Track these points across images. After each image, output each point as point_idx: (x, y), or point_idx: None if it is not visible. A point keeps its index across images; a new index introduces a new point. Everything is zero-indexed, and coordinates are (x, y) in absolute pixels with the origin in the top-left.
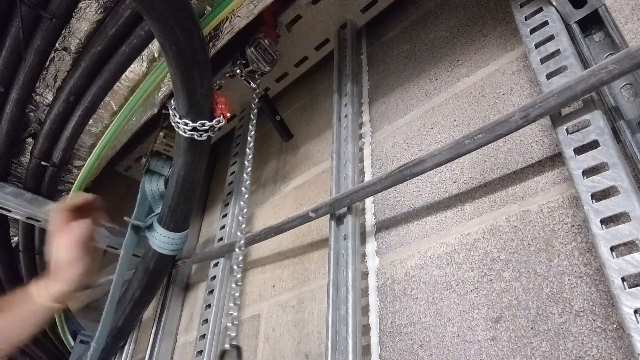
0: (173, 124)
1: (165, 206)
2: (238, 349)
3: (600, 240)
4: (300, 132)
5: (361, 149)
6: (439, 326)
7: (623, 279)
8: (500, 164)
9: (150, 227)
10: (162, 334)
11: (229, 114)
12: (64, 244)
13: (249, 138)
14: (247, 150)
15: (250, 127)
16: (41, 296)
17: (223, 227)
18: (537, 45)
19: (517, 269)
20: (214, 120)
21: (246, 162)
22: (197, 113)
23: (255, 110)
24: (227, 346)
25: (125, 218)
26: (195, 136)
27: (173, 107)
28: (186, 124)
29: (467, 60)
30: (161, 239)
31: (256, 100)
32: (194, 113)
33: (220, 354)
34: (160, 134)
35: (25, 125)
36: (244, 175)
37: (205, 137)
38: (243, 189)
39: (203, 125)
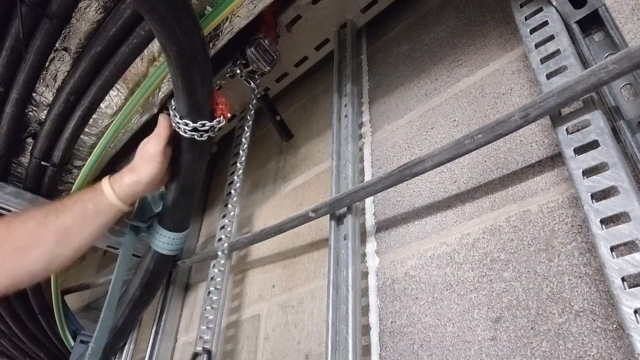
0: (173, 124)
1: (165, 206)
2: (209, 353)
3: (600, 240)
4: (300, 132)
5: (361, 149)
6: (439, 326)
7: (623, 279)
8: (500, 164)
9: (150, 227)
10: (162, 334)
11: (229, 114)
12: (154, 138)
13: (243, 140)
14: (241, 152)
15: (246, 128)
16: (110, 189)
17: (223, 227)
18: (537, 45)
19: (517, 269)
20: (215, 121)
21: (238, 164)
22: (198, 113)
23: (253, 111)
24: (199, 349)
25: (125, 219)
26: (196, 136)
27: (173, 107)
28: (186, 125)
29: (467, 60)
30: (161, 239)
31: (254, 100)
32: (195, 113)
33: (192, 357)
34: None
35: (25, 125)
36: (235, 177)
37: (206, 138)
38: (232, 191)
39: (203, 125)
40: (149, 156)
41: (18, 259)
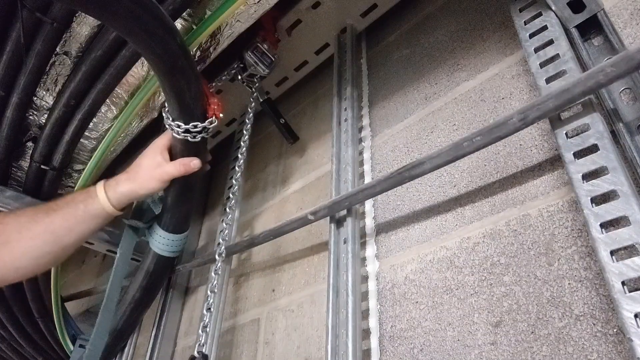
0: (167, 127)
1: (164, 208)
2: (205, 357)
3: (600, 244)
4: (300, 135)
5: (361, 153)
6: (439, 330)
7: (623, 283)
8: (500, 167)
9: (150, 229)
10: (162, 338)
11: (231, 117)
12: (151, 150)
13: (242, 143)
14: (239, 155)
15: (244, 131)
16: (104, 194)
17: (222, 231)
18: (536, 50)
19: (517, 273)
20: (207, 122)
21: (237, 167)
22: (189, 115)
23: (251, 114)
24: (195, 354)
25: (124, 220)
26: (189, 138)
27: (167, 109)
28: (179, 126)
29: (466, 65)
30: (161, 241)
31: (252, 104)
32: (185, 115)
33: None
34: None
35: (25, 129)
36: (234, 180)
37: (200, 139)
38: (231, 194)
39: (195, 127)
40: (161, 176)
41: (6, 252)
